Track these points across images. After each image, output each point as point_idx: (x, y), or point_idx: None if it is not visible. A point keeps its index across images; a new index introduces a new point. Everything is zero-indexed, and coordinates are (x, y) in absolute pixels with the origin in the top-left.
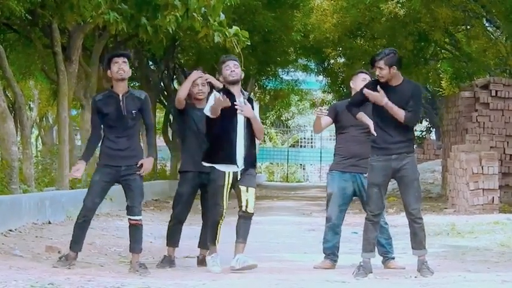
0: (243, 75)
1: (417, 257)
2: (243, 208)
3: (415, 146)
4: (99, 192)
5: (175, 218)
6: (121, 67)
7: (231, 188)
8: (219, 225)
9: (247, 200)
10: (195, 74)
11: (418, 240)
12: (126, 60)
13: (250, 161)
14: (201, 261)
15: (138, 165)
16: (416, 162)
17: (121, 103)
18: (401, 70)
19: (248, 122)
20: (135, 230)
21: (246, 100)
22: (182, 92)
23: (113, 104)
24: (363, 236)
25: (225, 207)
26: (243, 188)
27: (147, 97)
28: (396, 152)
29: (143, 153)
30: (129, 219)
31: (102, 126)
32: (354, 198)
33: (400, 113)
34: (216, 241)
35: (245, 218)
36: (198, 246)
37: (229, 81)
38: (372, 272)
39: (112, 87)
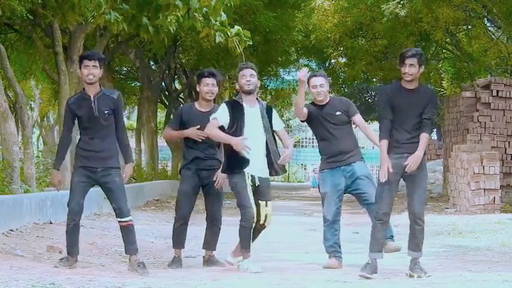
0: (259, 83)
1: (410, 257)
2: (261, 222)
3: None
4: (81, 193)
5: (180, 218)
6: (91, 71)
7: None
8: (252, 229)
9: (266, 215)
10: (192, 132)
11: (415, 242)
12: (97, 64)
13: (277, 166)
14: (207, 261)
15: (124, 177)
16: (426, 165)
17: (92, 104)
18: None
19: (271, 131)
20: (128, 232)
21: (264, 109)
22: (172, 137)
23: (84, 106)
24: (371, 235)
25: (254, 207)
26: (262, 203)
27: (119, 96)
28: (408, 151)
29: (118, 155)
30: (119, 221)
31: (74, 129)
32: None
33: (424, 141)
34: (251, 245)
35: (256, 229)
36: (203, 248)
37: (244, 90)
38: (376, 272)
39: (84, 88)
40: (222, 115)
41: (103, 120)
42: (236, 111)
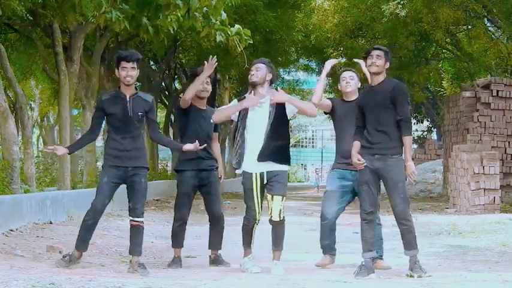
0: (268, 77)
1: (407, 256)
2: (269, 217)
3: (402, 148)
4: (108, 193)
5: (180, 219)
6: (129, 73)
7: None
8: (253, 229)
9: (271, 209)
10: (205, 74)
11: (406, 241)
12: (134, 65)
13: (278, 159)
14: (214, 261)
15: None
16: (403, 163)
17: (128, 104)
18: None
19: (275, 118)
20: (137, 232)
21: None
22: (190, 92)
23: (119, 105)
24: (360, 236)
25: (257, 210)
26: (268, 197)
27: (153, 100)
28: (379, 153)
29: (147, 155)
30: (131, 220)
31: (102, 126)
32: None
33: (409, 144)
34: (251, 244)
35: (273, 226)
36: (209, 248)
37: (250, 83)
38: (374, 272)
39: (119, 87)
40: (232, 103)
41: (136, 121)
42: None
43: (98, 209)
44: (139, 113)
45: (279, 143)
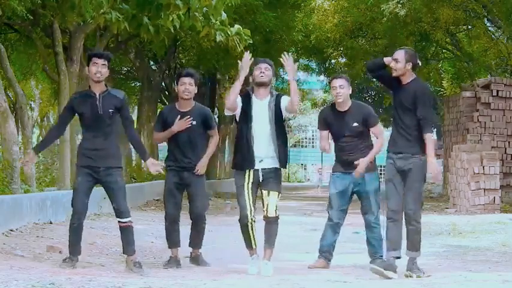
0: (274, 80)
1: (408, 257)
2: (264, 212)
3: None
4: (85, 192)
5: (167, 217)
6: (99, 70)
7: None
8: (248, 227)
9: (267, 204)
10: (179, 125)
11: (411, 242)
12: (105, 62)
13: (279, 159)
14: (194, 259)
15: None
16: (424, 165)
17: (97, 102)
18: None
19: (276, 120)
20: (127, 232)
21: (274, 100)
22: (159, 138)
23: (89, 103)
24: (385, 235)
25: (248, 208)
26: (264, 193)
27: (125, 96)
28: (400, 151)
29: (121, 155)
30: (119, 221)
31: (68, 124)
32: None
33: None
34: (253, 244)
35: (267, 223)
36: (189, 246)
37: (256, 82)
38: (395, 272)
39: (90, 86)
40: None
41: (107, 118)
42: (245, 102)
43: (80, 211)
44: (110, 110)
45: (279, 144)
